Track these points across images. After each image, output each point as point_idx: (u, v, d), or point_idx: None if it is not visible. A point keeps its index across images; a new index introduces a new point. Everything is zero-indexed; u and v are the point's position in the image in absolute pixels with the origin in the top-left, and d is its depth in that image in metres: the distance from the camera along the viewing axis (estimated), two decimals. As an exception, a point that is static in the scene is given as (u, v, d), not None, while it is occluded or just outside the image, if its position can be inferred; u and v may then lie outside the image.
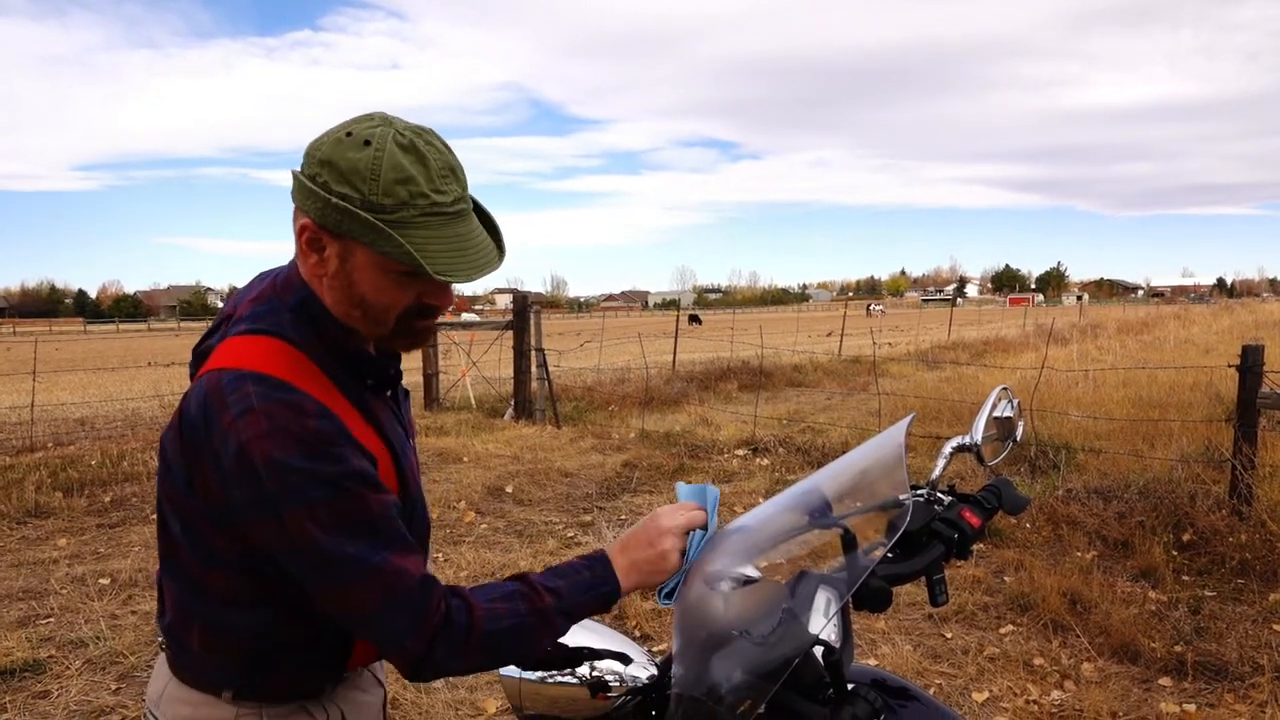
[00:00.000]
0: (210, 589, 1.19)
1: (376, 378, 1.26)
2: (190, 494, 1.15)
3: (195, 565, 1.19)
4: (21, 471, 7.15)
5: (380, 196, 1.09)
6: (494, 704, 3.52)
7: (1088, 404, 8.72)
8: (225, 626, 1.20)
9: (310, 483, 1.08)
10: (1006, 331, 25.25)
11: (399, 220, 1.10)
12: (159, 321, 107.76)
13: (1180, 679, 3.63)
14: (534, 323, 10.34)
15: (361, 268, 1.14)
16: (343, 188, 1.09)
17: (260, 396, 1.10)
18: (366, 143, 1.10)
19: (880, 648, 3.98)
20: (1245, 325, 24.14)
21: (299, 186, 1.14)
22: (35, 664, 3.86)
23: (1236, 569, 4.64)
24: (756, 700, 1.18)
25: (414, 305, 1.18)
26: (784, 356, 16.05)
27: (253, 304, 1.23)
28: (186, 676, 1.25)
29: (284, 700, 1.25)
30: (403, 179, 1.09)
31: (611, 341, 17.52)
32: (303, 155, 1.15)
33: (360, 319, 1.19)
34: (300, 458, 1.08)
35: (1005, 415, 1.51)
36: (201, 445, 1.11)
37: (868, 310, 76.35)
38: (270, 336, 1.17)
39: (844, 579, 1.25)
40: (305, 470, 1.08)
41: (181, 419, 1.15)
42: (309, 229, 1.14)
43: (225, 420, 1.09)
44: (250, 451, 1.07)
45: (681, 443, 8.62)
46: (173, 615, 1.24)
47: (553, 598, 1.21)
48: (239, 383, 1.11)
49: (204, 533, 1.16)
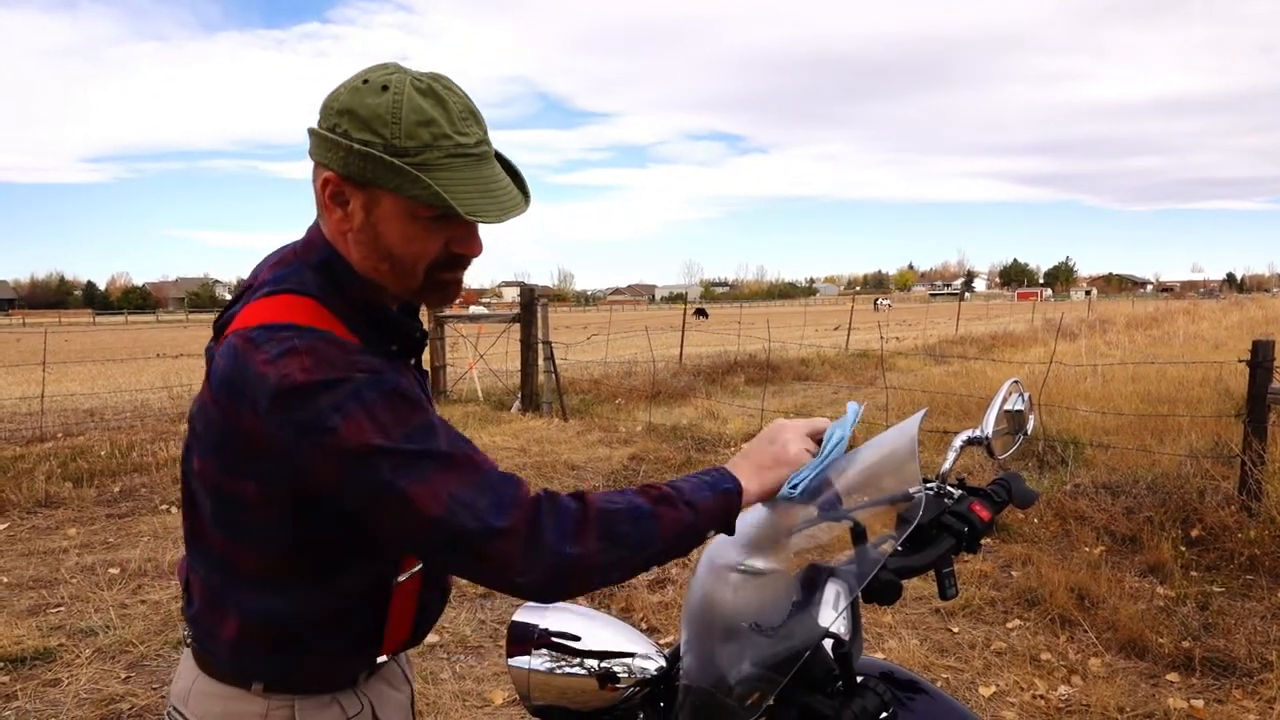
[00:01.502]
0: (241, 568, 1.15)
1: (402, 341, 1.22)
2: (226, 461, 1.10)
3: (225, 544, 1.15)
4: (32, 461, 7.19)
5: (403, 140, 1.06)
6: (501, 695, 3.53)
7: (1096, 399, 8.69)
8: (256, 609, 1.16)
9: (361, 386, 1.03)
10: (1015, 326, 25.17)
11: (423, 163, 1.07)
12: (167, 313, 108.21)
13: (1188, 675, 3.62)
14: (541, 316, 10.35)
15: (388, 217, 1.11)
16: (364, 134, 1.07)
17: (299, 337, 1.06)
18: (384, 88, 1.08)
19: (887, 641, 3.98)
20: (1255, 321, 24.02)
21: (318, 141, 1.11)
22: (45, 652, 3.88)
23: (1245, 565, 4.62)
24: (766, 692, 1.18)
25: (442, 255, 1.14)
26: (791, 350, 16.03)
27: (274, 268, 1.19)
28: (215, 669, 1.21)
29: (316, 691, 1.22)
30: (424, 121, 1.07)
31: (618, 335, 17.50)
32: (318, 111, 1.12)
33: (389, 272, 1.15)
34: (348, 369, 1.04)
35: (1016, 409, 1.50)
36: (239, 397, 1.05)
37: (875, 305, 76.19)
38: (296, 294, 1.13)
39: (854, 572, 1.25)
40: (354, 378, 1.03)
41: (212, 380, 1.10)
42: (331, 182, 1.11)
43: (260, 362, 1.03)
44: (294, 381, 1.02)
45: (688, 436, 8.62)
46: (200, 602, 1.21)
47: (672, 490, 1.14)
48: (272, 331, 1.07)
49: (239, 504, 1.11)
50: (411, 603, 1.25)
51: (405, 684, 1.39)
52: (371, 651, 1.24)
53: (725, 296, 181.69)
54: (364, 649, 1.23)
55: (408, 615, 1.26)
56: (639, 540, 1.10)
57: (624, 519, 1.09)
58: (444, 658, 3.90)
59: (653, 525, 1.10)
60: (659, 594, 4.46)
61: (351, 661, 1.24)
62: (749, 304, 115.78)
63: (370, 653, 1.24)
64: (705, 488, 1.16)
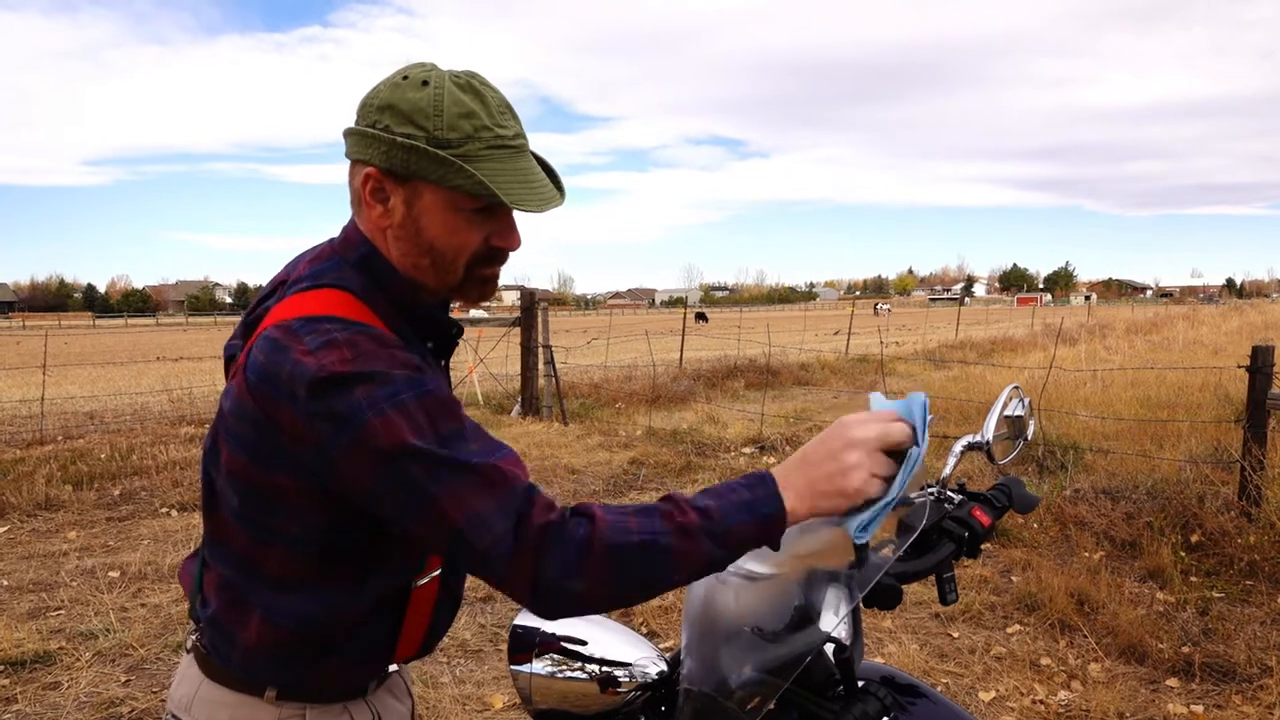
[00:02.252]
0: (265, 570, 1.13)
1: (439, 339, 1.24)
2: (261, 454, 1.08)
3: (251, 545, 1.13)
4: (32, 464, 7.19)
5: (445, 131, 1.08)
6: (501, 699, 3.53)
7: (1096, 404, 8.69)
8: (280, 610, 1.14)
9: (400, 386, 1.02)
10: (1014, 331, 25.19)
11: (466, 154, 1.09)
12: (167, 316, 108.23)
13: (1188, 680, 3.62)
14: (542, 319, 10.35)
15: (430, 209, 1.12)
16: (405, 128, 1.08)
17: (341, 329, 1.05)
18: (424, 83, 1.10)
19: (887, 646, 3.98)
20: (1254, 326, 24.04)
21: (358, 138, 1.12)
22: (45, 655, 3.88)
23: (1245, 570, 4.63)
24: (767, 697, 1.19)
25: (483, 248, 1.15)
26: (791, 355, 16.04)
27: (311, 264, 1.18)
28: (225, 675, 1.19)
29: (327, 699, 1.21)
30: (465, 113, 1.09)
31: (619, 339, 17.53)
32: (357, 111, 1.14)
33: (430, 268, 1.15)
34: (388, 366, 1.03)
35: (1016, 414, 1.50)
36: (276, 388, 1.04)
37: (875, 309, 76.23)
38: (337, 289, 1.13)
39: (855, 577, 1.25)
40: (392, 377, 1.02)
41: (248, 372, 1.07)
42: (372, 177, 1.12)
43: (300, 352, 1.03)
44: (333, 371, 1.01)
45: (688, 440, 8.62)
46: (219, 603, 1.18)
47: (699, 516, 1.01)
48: (312, 323, 1.06)
49: (271, 501, 1.10)
50: (427, 609, 1.25)
51: (407, 696, 1.38)
52: (385, 658, 1.23)
53: (725, 301, 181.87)
54: (379, 655, 1.22)
55: (422, 622, 1.25)
56: (649, 576, 1.02)
57: (635, 554, 1.00)
58: (444, 662, 3.90)
59: (667, 561, 1.01)
60: (659, 598, 4.47)
61: (366, 668, 1.23)
62: (749, 308, 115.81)
63: (384, 660, 1.23)
64: (743, 510, 1.02)
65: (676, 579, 1.03)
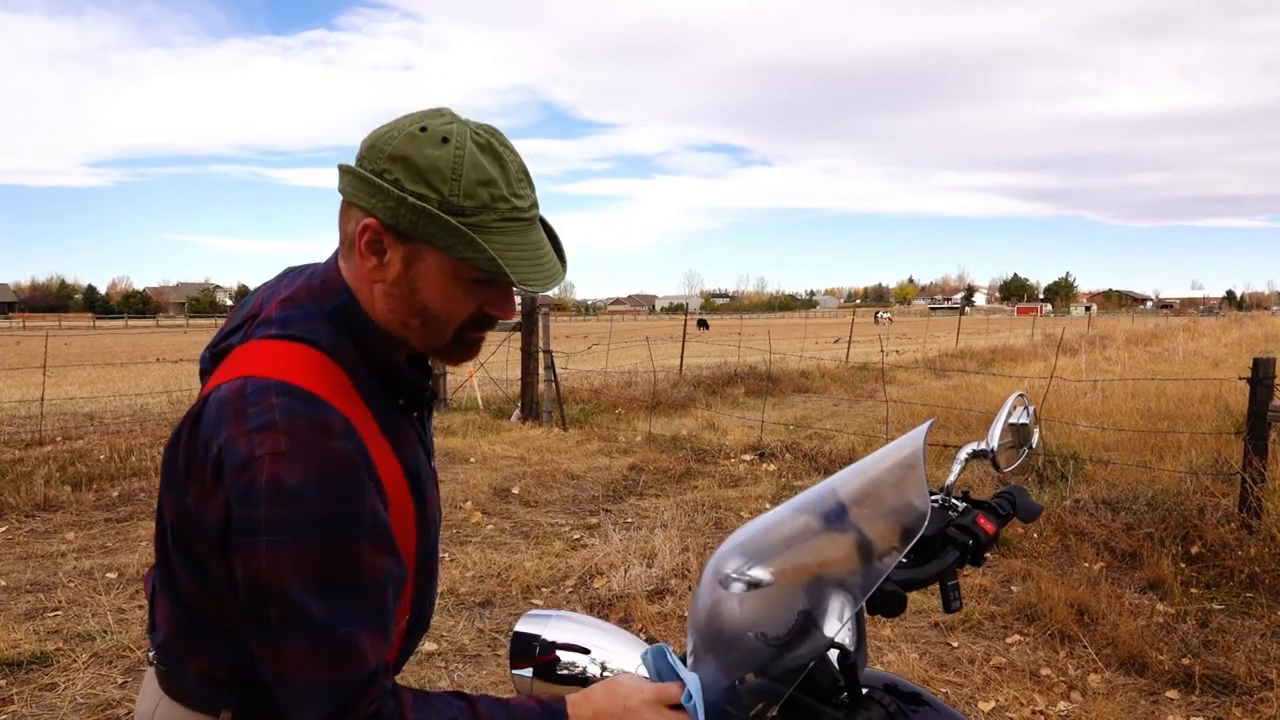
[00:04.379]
0: (205, 614, 1.10)
1: (409, 396, 1.18)
2: (188, 510, 1.04)
3: (190, 587, 1.09)
4: (30, 465, 7.18)
5: (461, 198, 1.02)
6: (499, 704, 3.52)
7: (1096, 414, 8.69)
8: (222, 654, 1.11)
9: (310, 520, 0.97)
10: (1014, 341, 25.19)
11: (479, 224, 1.03)
12: (167, 318, 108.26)
13: (1188, 692, 3.62)
14: (542, 325, 10.35)
15: (429, 274, 1.06)
16: (418, 186, 1.02)
17: (284, 410, 1.00)
18: (445, 140, 1.03)
19: (886, 655, 3.97)
20: (1254, 338, 24.04)
21: (360, 184, 1.05)
22: (42, 656, 3.87)
23: (1245, 582, 4.62)
24: (770, 703, 1.18)
25: (474, 315, 1.11)
26: (791, 362, 16.04)
27: (283, 305, 1.12)
28: (181, 696, 1.16)
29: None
30: (485, 180, 1.03)
31: (619, 345, 17.53)
32: (362, 149, 1.07)
33: (418, 329, 1.10)
34: (311, 486, 0.97)
35: (1021, 422, 1.50)
36: (208, 455, 1.01)
37: (876, 318, 76.27)
38: (302, 344, 1.07)
39: (859, 583, 1.25)
40: (310, 503, 0.97)
41: (197, 425, 1.04)
42: (371, 229, 1.05)
43: (240, 431, 0.99)
44: (259, 468, 0.97)
45: (688, 447, 8.61)
46: (166, 633, 1.15)
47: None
48: (263, 393, 1.01)
49: (201, 552, 1.05)
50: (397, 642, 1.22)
51: None
52: None
53: (725, 308, 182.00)
54: None
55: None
56: None
57: None
58: (442, 666, 3.89)
59: None
60: (658, 604, 4.46)
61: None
62: (749, 316, 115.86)
63: None
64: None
65: None
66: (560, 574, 4.96)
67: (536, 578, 4.90)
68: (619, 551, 5.19)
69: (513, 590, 4.76)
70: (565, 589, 4.78)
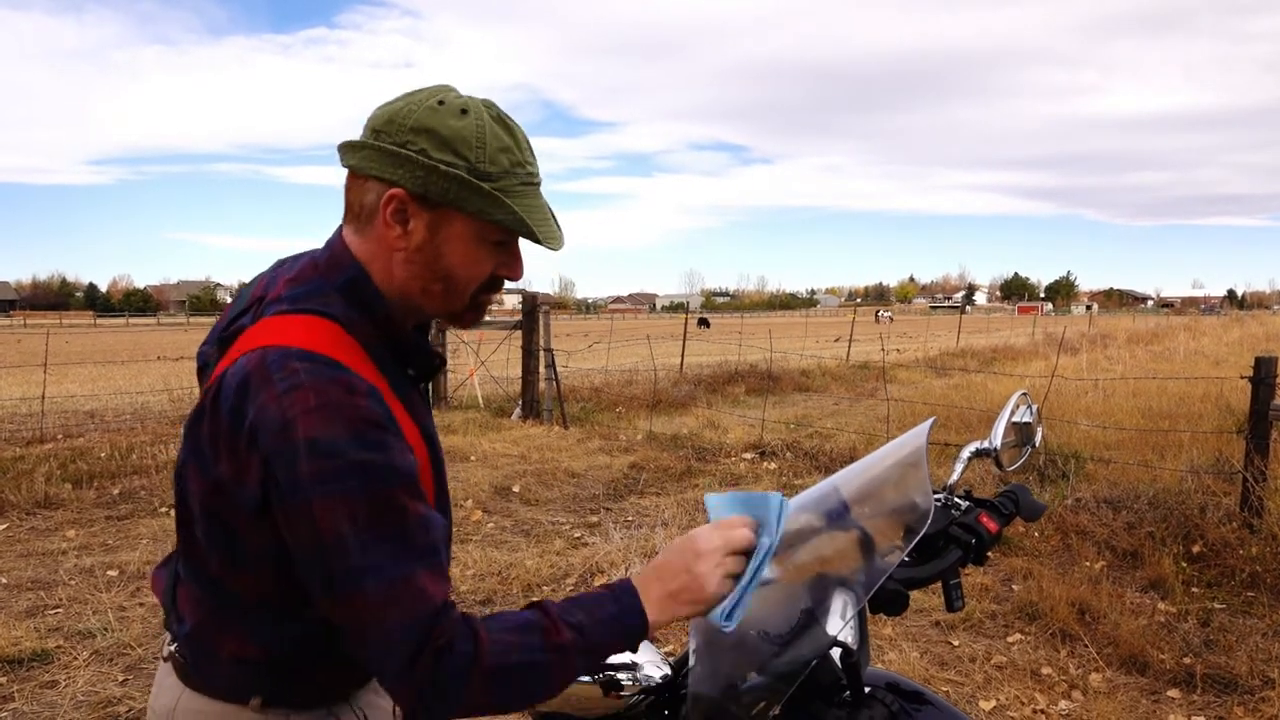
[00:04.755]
0: (239, 593, 1.12)
1: (420, 367, 1.22)
2: (221, 483, 1.06)
3: (222, 567, 1.11)
4: (31, 462, 7.18)
5: (487, 164, 1.09)
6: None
7: (1097, 413, 8.69)
8: (255, 633, 1.12)
9: (351, 470, 1.00)
10: (1015, 340, 25.18)
11: (504, 189, 1.10)
12: (168, 316, 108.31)
13: (1189, 691, 3.61)
14: (543, 323, 10.35)
15: (455, 238, 1.12)
16: (445, 155, 1.07)
17: (309, 373, 1.02)
18: (464, 111, 1.09)
19: (887, 654, 3.97)
20: (1256, 337, 24.04)
21: (380, 155, 1.09)
22: (43, 654, 3.87)
23: (1247, 582, 4.61)
24: (773, 701, 1.18)
25: (489, 278, 1.17)
26: (792, 361, 16.03)
27: (291, 284, 1.15)
28: (205, 686, 1.17)
29: (312, 705, 1.19)
30: (504, 148, 1.10)
31: (620, 343, 17.51)
32: (376, 124, 1.11)
33: (439, 293, 1.15)
34: (346, 440, 1.01)
35: (1024, 420, 1.50)
36: (240, 425, 1.03)
37: (876, 317, 76.24)
38: (317, 315, 1.10)
39: (861, 581, 1.24)
40: (348, 455, 1.00)
41: (219, 400, 1.06)
42: (398, 199, 1.09)
43: (269, 396, 1.01)
44: (294, 428, 1.00)
45: (689, 445, 8.61)
46: (194, 622, 1.16)
47: (573, 633, 1.08)
48: (285, 359, 1.04)
49: (234, 529, 1.08)
50: None
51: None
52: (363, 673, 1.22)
53: (726, 306, 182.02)
54: (355, 671, 1.21)
55: None
56: (525, 693, 1.08)
57: (515, 675, 1.06)
58: (443, 664, 3.89)
59: (543, 678, 1.08)
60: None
61: (347, 676, 1.21)
62: (750, 314, 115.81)
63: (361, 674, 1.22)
64: (610, 624, 1.10)
65: (549, 693, 1.10)
66: (561, 572, 4.95)
67: (537, 576, 4.90)
68: (620, 550, 5.19)
69: (513, 588, 4.76)
70: (566, 587, 4.78)
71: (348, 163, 1.13)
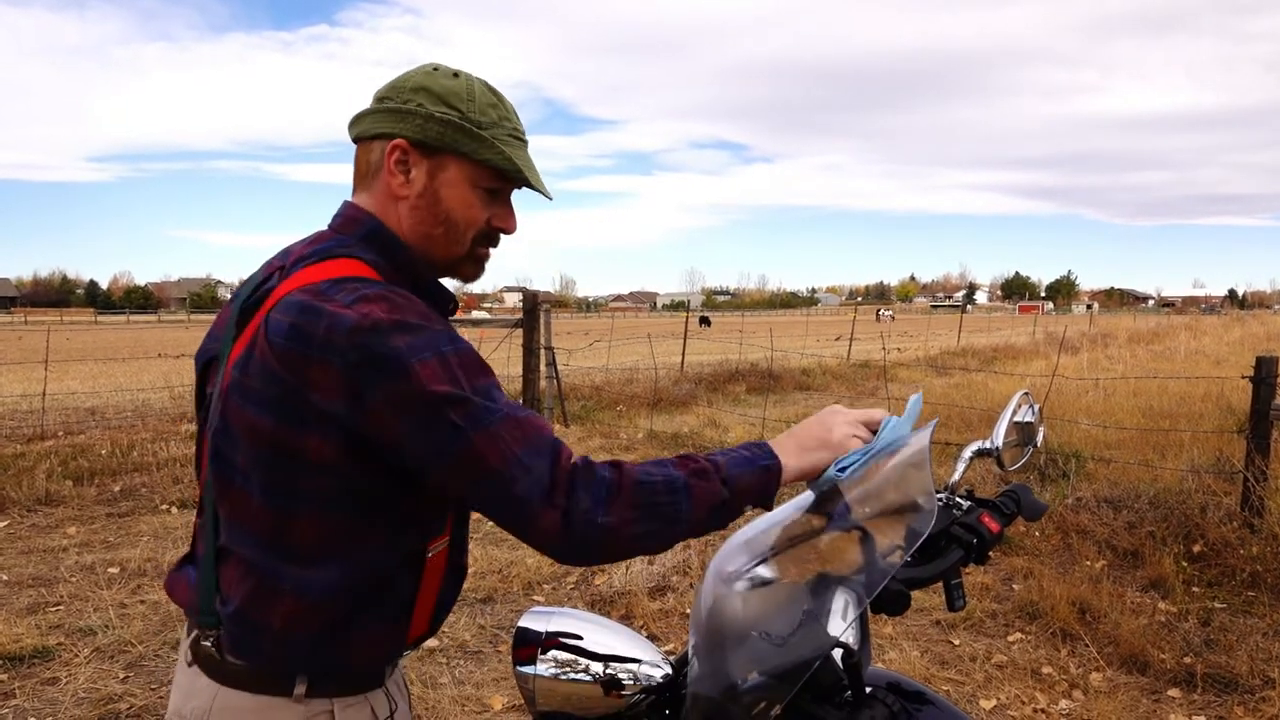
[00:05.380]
0: (292, 542, 1.13)
1: (443, 309, 1.29)
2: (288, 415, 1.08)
3: (275, 518, 1.12)
4: (32, 459, 7.18)
5: (477, 114, 1.21)
6: (500, 700, 3.52)
7: (1098, 413, 8.69)
8: (308, 584, 1.13)
9: (438, 338, 1.09)
10: (1016, 339, 25.17)
11: (493, 136, 1.22)
12: (169, 313, 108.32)
13: (1190, 691, 3.61)
14: (544, 321, 10.34)
15: (452, 182, 1.22)
16: (440, 107, 1.20)
17: (369, 287, 1.11)
18: (455, 74, 1.24)
19: (888, 653, 3.97)
20: (1257, 337, 24.03)
21: (386, 114, 1.21)
22: (44, 651, 3.87)
23: (1247, 581, 4.61)
24: (773, 701, 1.18)
25: (485, 228, 1.26)
26: (793, 360, 16.02)
27: (310, 245, 1.22)
28: (248, 674, 1.17)
29: (353, 686, 1.21)
30: (491, 104, 1.24)
31: (620, 341, 17.50)
32: (381, 93, 1.24)
33: (441, 237, 1.24)
34: (422, 320, 1.09)
35: (1026, 420, 1.50)
36: (309, 343, 1.06)
37: (877, 315, 76.21)
38: (349, 259, 1.18)
39: (863, 582, 1.24)
40: (431, 329, 1.09)
41: (271, 336, 1.09)
42: (399, 148, 1.20)
43: (336, 306, 1.07)
44: (376, 320, 1.06)
45: (689, 444, 8.61)
46: (244, 593, 1.15)
47: (710, 464, 1.15)
48: (340, 284, 1.11)
49: (296, 463, 1.09)
50: (437, 580, 1.26)
51: (405, 689, 1.39)
52: (403, 634, 1.24)
53: (727, 305, 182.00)
54: (399, 630, 1.23)
55: (432, 595, 1.26)
56: (672, 513, 1.11)
57: (659, 490, 1.11)
58: (443, 662, 3.89)
59: (687, 499, 1.12)
60: (659, 601, 4.46)
61: (389, 644, 1.22)
62: (750, 313, 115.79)
63: (402, 636, 1.24)
64: (744, 463, 1.18)
65: (696, 516, 1.13)
66: (561, 571, 4.95)
67: (538, 574, 4.90)
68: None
69: (514, 587, 4.76)
70: (567, 585, 4.78)
71: (356, 131, 1.25)
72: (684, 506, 1.12)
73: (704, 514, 1.14)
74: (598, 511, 1.08)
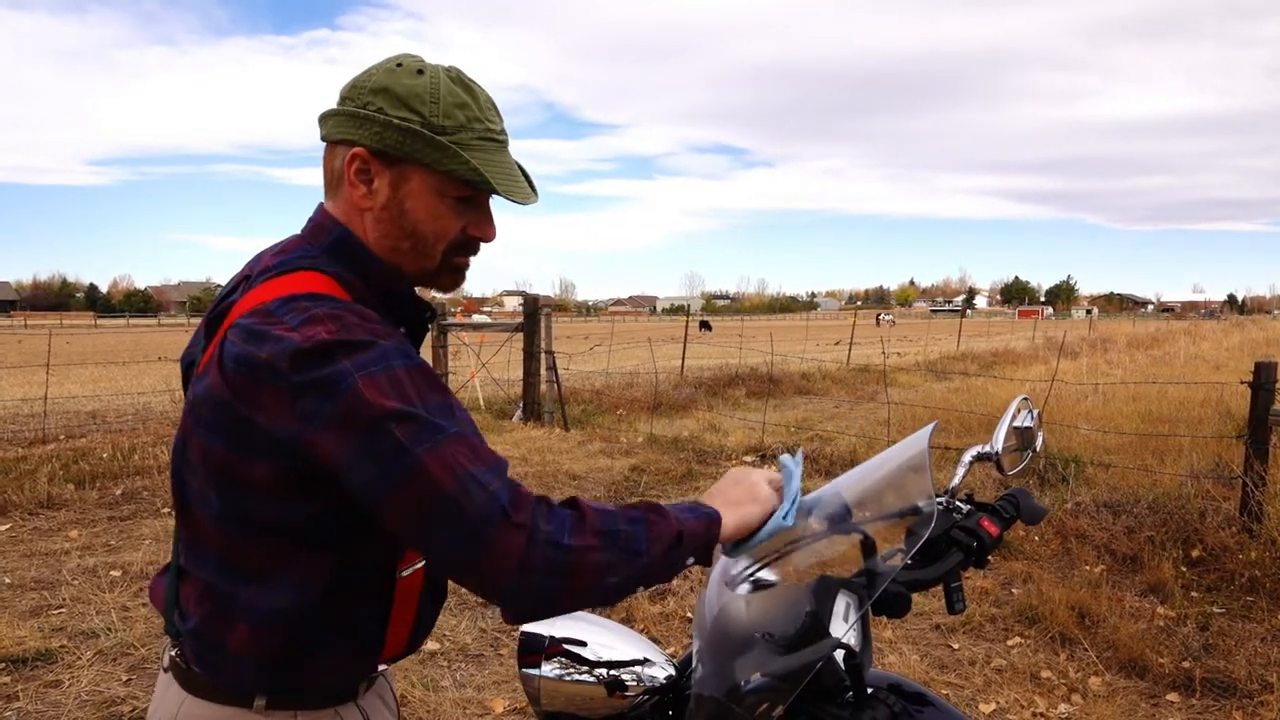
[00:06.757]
0: (247, 567, 1.11)
1: (411, 324, 1.23)
2: (238, 442, 1.05)
3: (230, 542, 1.10)
4: (34, 463, 7.19)
5: (441, 118, 1.11)
6: (502, 704, 3.53)
7: (1097, 418, 8.70)
8: (263, 610, 1.11)
9: (388, 353, 1.03)
10: (1016, 344, 25.19)
11: (459, 142, 1.12)
12: (169, 317, 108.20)
13: (1188, 695, 3.63)
14: (544, 325, 10.36)
15: (416, 193, 1.14)
16: (401, 111, 1.10)
17: (319, 307, 1.05)
18: (420, 71, 1.13)
19: (887, 656, 3.98)
20: (1256, 342, 24.06)
21: (345, 119, 1.13)
22: (47, 654, 3.88)
23: (1246, 586, 4.63)
24: (776, 702, 1.19)
25: (460, 237, 1.18)
26: (793, 364, 16.04)
27: (277, 255, 1.17)
28: (210, 687, 1.15)
29: (318, 703, 1.18)
30: (460, 104, 1.13)
31: (620, 345, 17.53)
32: (342, 93, 1.16)
33: (409, 251, 1.17)
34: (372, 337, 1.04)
35: (1025, 425, 1.52)
36: (255, 371, 1.02)
37: (877, 320, 76.22)
38: (311, 271, 1.12)
39: (864, 584, 1.26)
40: (380, 345, 1.03)
41: (224, 360, 1.05)
42: (359, 157, 1.13)
43: (281, 330, 1.02)
44: (319, 341, 1.01)
45: (689, 448, 8.62)
46: (202, 613, 1.14)
47: (658, 506, 1.15)
48: (290, 303, 1.05)
49: (248, 491, 1.07)
50: (413, 601, 1.23)
51: (393, 699, 1.36)
52: (373, 657, 1.21)
53: (726, 309, 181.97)
54: (368, 652, 1.20)
55: (408, 616, 1.23)
56: (633, 545, 1.08)
57: (619, 519, 1.09)
58: (444, 666, 3.90)
59: (645, 531, 1.10)
60: (660, 605, 4.47)
61: (356, 666, 1.20)
62: (750, 317, 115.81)
63: (373, 657, 1.21)
64: (689, 510, 1.17)
65: (654, 551, 1.10)
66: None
67: (539, 578, 4.91)
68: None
69: (515, 590, 4.77)
70: (567, 589, 4.78)
71: (322, 132, 1.17)
72: (643, 538, 1.09)
73: (660, 551, 1.11)
74: (562, 534, 1.03)
